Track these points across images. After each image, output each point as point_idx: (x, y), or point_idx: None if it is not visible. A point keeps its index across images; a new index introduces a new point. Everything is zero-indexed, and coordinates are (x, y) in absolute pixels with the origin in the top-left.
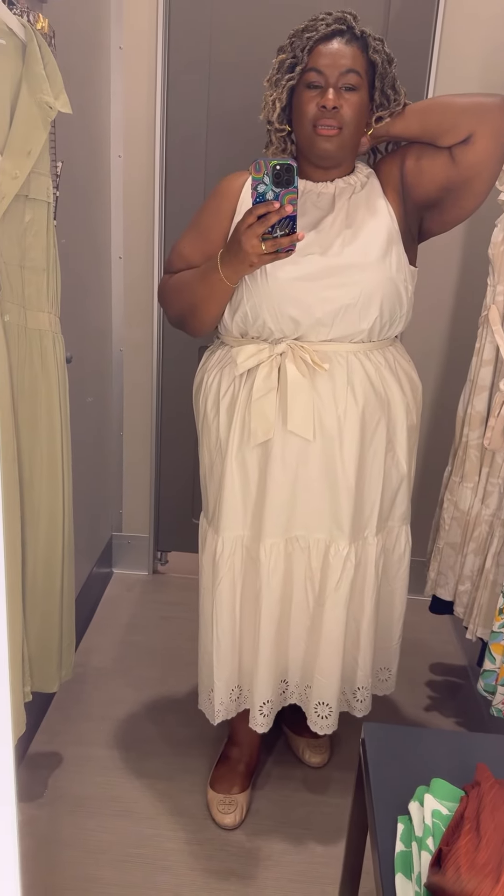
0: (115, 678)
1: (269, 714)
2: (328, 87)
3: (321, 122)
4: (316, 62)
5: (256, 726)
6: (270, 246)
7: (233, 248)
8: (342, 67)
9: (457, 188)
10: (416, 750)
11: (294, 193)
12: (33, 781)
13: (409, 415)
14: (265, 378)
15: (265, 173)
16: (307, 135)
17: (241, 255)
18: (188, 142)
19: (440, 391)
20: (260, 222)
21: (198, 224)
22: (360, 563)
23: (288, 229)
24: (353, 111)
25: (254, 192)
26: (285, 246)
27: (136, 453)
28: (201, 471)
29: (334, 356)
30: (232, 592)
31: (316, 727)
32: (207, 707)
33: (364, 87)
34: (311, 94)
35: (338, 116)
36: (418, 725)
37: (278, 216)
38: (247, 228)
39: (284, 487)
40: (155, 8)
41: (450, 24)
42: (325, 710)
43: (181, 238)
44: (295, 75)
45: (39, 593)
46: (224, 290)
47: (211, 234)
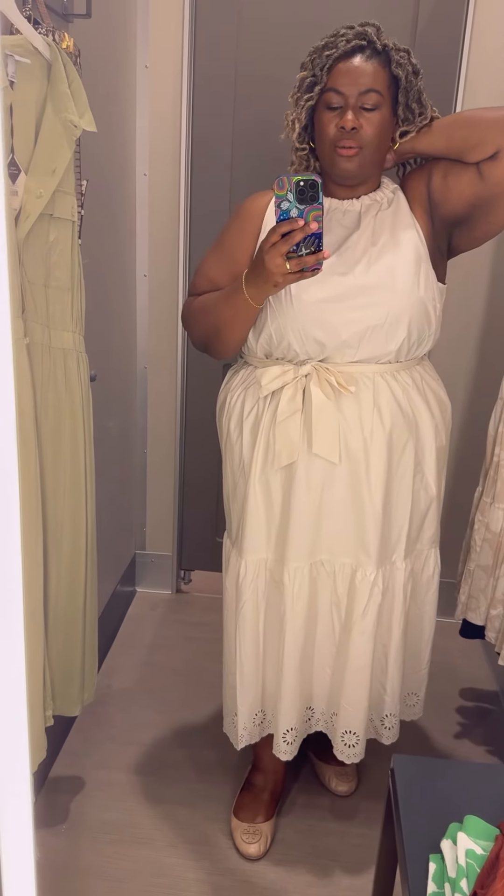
0: (138, 700)
1: (293, 742)
2: (347, 107)
3: (341, 142)
4: (335, 82)
5: (280, 753)
6: (295, 265)
7: (257, 267)
8: (362, 87)
9: (485, 204)
10: (447, 783)
11: (319, 210)
12: (55, 807)
13: (437, 436)
14: (290, 400)
15: (289, 190)
16: (328, 155)
17: (265, 274)
18: (213, 160)
19: (470, 410)
20: (284, 240)
21: (222, 245)
22: (387, 589)
23: (313, 247)
24: (374, 130)
25: (277, 210)
26: (311, 265)
27: (159, 471)
28: (224, 491)
29: (360, 378)
30: (255, 616)
31: (342, 756)
32: (231, 731)
33: (386, 103)
34: (330, 114)
35: (358, 136)
36: (447, 753)
37: (303, 234)
38: (271, 247)
39: (309, 511)
40: (180, 27)
41: (479, 34)
42: (352, 738)
43: (205, 259)
44: (314, 95)
45: (62, 615)
46: (249, 312)
47: (236, 255)
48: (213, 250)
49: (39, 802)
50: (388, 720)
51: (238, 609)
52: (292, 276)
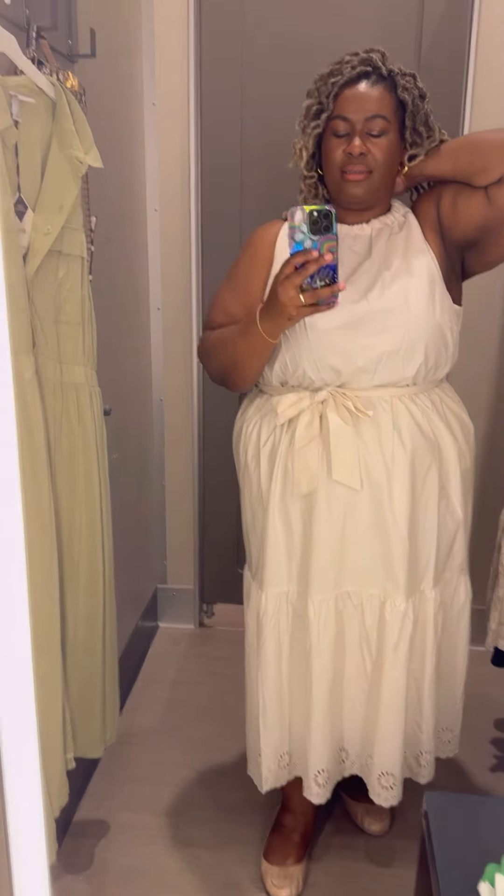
0: (162, 739)
1: (325, 784)
2: (354, 134)
3: (349, 167)
4: (341, 109)
5: (311, 796)
6: (309, 297)
7: (270, 301)
8: (368, 113)
9: (495, 228)
10: (484, 821)
11: (333, 241)
12: (79, 852)
13: (461, 458)
14: (307, 427)
15: (302, 220)
16: (336, 181)
17: (278, 307)
18: (223, 194)
19: (492, 429)
20: (298, 273)
21: (234, 277)
22: (418, 620)
23: (328, 279)
24: (382, 154)
25: (290, 242)
26: (326, 297)
27: (178, 503)
28: (243, 522)
29: (378, 402)
30: (277, 652)
31: (380, 799)
32: (256, 774)
33: (393, 128)
34: (337, 141)
35: (366, 161)
36: (484, 789)
37: (317, 265)
38: (284, 280)
39: (332, 540)
40: (186, 65)
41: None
42: (388, 780)
43: (219, 292)
44: (321, 122)
45: (80, 654)
46: (265, 346)
47: (250, 285)
48: (227, 283)
49: (64, 848)
50: (424, 758)
51: (260, 645)
52: (307, 308)
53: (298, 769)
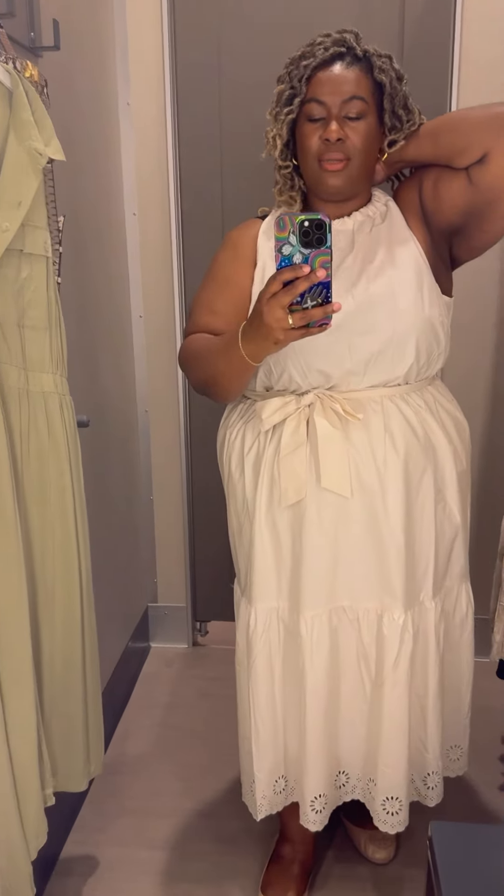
0: (155, 766)
1: (322, 810)
2: (331, 118)
3: (326, 156)
4: (315, 92)
5: (308, 824)
6: (299, 319)
7: (254, 321)
8: (345, 95)
9: (480, 212)
10: (493, 852)
11: (327, 255)
12: (66, 891)
13: (457, 460)
14: (293, 432)
15: (291, 231)
16: (313, 171)
17: (263, 330)
18: (203, 196)
19: (490, 429)
20: (286, 290)
21: (218, 275)
22: (418, 633)
23: (321, 298)
24: (360, 140)
25: (278, 255)
26: (318, 319)
27: (167, 518)
28: (230, 535)
29: (368, 403)
30: (269, 672)
31: (385, 826)
32: (250, 800)
33: (372, 112)
34: (312, 126)
35: (344, 148)
36: (493, 809)
37: (308, 283)
38: (270, 298)
39: (323, 552)
40: (161, 62)
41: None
42: (394, 805)
43: (202, 294)
44: (294, 108)
45: (59, 685)
46: (247, 369)
47: (238, 281)
48: (209, 283)
49: (49, 889)
50: (431, 779)
51: (250, 664)
52: (296, 332)
53: (295, 794)
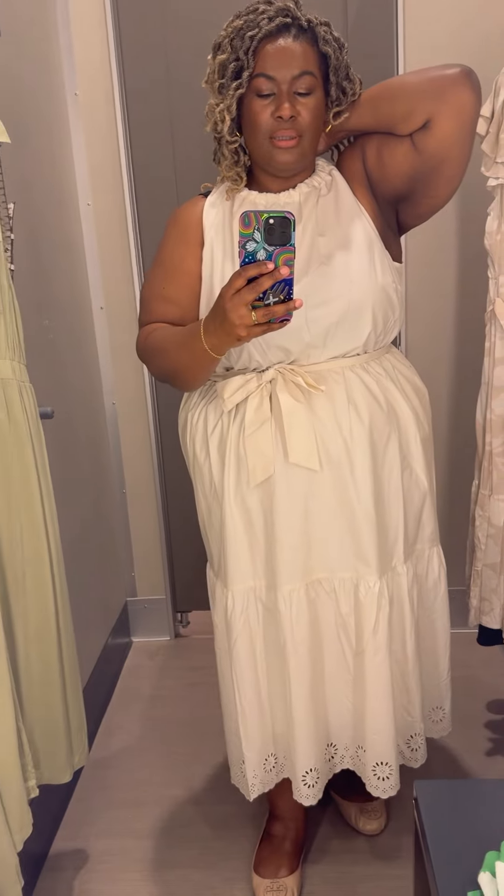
0: (142, 758)
1: (315, 784)
2: (282, 95)
3: (278, 132)
4: (264, 67)
5: (302, 798)
6: (263, 315)
7: (217, 316)
8: (294, 70)
9: (425, 178)
10: (479, 807)
11: (291, 253)
12: (58, 887)
13: (420, 425)
14: (256, 410)
15: (255, 228)
16: (264, 148)
17: (226, 326)
18: (157, 182)
19: (455, 399)
20: (250, 288)
21: (166, 261)
22: (393, 599)
23: (283, 295)
24: (311, 116)
25: (242, 251)
26: (280, 315)
27: (142, 511)
28: (200, 519)
29: (329, 374)
30: (250, 652)
31: (377, 791)
32: (241, 781)
33: (319, 85)
34: (262, 102)
35: (296, 124)
36: (479, 774)
37: (272, 280)
38: (234, 295)
39: (295, 526)
40: (106, 50)
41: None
42: (384, 770)
43: (151, 281)
44: (243, 82)
45: (36, 677)
46: (210, 361)
47: (185, 266)
48: (158, 269)
49: (40, 885)
50: (414, 741)
51: (231, 646)
52: (258, 328)
53: (286, 771)
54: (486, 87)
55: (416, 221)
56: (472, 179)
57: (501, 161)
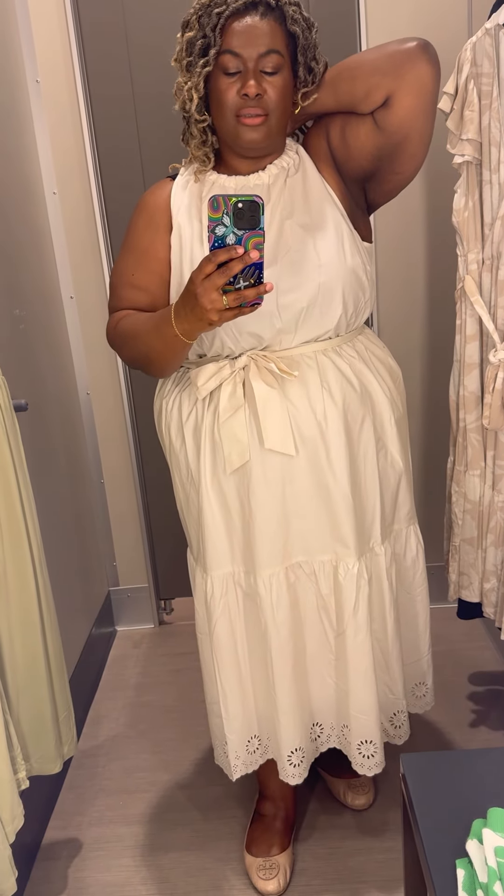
0: (131, 745)
1: (300, 763)
2: (248, 72)
3: (244, 111)
4: (231, 44)
5: (288, 778)
6: (234, 300)
7: (188, 302)
8: (261, 48)
9: (389, 155)
10: (465, 777)
11: (260, 236)
12: (52, 876)
13: (394, 406)
14: (230, 396)
15: (224, 212)
16: (230, 126)
17: (197, 311)
18: (123, 168)
19: (428, 375)
20: (220, 272)
21: (135, 247)
22: (372, 578)
23: (253, 279)
24: (278, 94)
25: (211, 235)
26: (251, 299)
27: (120, 500)
28: (178, 505)
29: (301, 359)
30: (230, 635)
31: (363, 769)
32: (224, 762)
33: (287, 65)
34: (229, 80)
35: (262, 103)
36: (465, 746)
37: (242, 264)
38: (204, 280)
39: (273, 512)
40: (66, 36)
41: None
42: (369, 748)
43: (120, 267)
44: (210, 59)
45: (21, 669)
46: (182, 346)
47: (157, 252)
48: (126, 255)
49: (34, 875)
50: (397, 718)
51: (211, 630)
52: (229, 312)
53: (271, 751)
54: (451, 65)
55: (384, 199)
56: (438, 157)
57: (466, 138)
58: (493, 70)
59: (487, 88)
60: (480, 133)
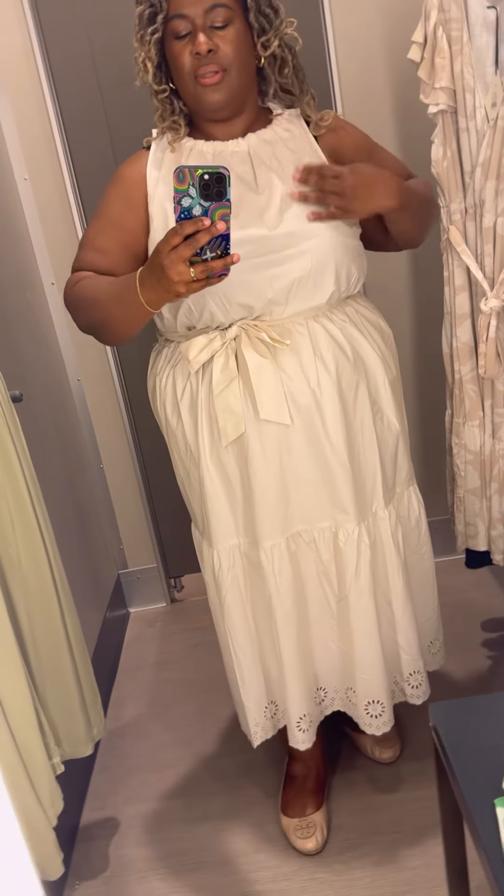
0: (155, 722)
1: (308, 728)
2: (196, 31)
3: (200, 70)
4: (176, 7)
5: (297, 744)
6: (201, 271)
7: (155, 272)
8: (206, 4)
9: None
10: (494, 719)
11: (227, 208)
12: (93, 856)
13: (387, 368)
14: (223, 369)
15: (190, 184)
16: (191, 90)
17: (164, 283)
18: (94, 147)
19: (417, 334)
20: (187, 244)
21: (106, 214)
22: (375, 543)
23: (220, 250)
24: (232, 48)
25: (177, 207)
26: (218, 270)
27: (121, 483)
28: (179, 482)
29: (293, 327)
30: (241, 606)
31: (370, 728)
32: (246, 728)
33: (238, 16)
34: (180, 43)
35: (217, 59)
36: (484, 692)
37: (209, 235)
38: (171, 251)
39: (272, 482)
40: (26, 23)
41: None
42: (376, 708)
43: (90, 230)
44: (158, 26)
45: (45, 656)
46: (144, 315)
47: (126, 223)
48: (96, 222)
49: (75, 856)
50: (414, 678)
51: (222, 602)
52: (197, 283)
53: (285, 718)
54: (416, 12)
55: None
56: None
57: (440, 86)
58: (462, 14)
59: (457, 34)
60: (453, 80)
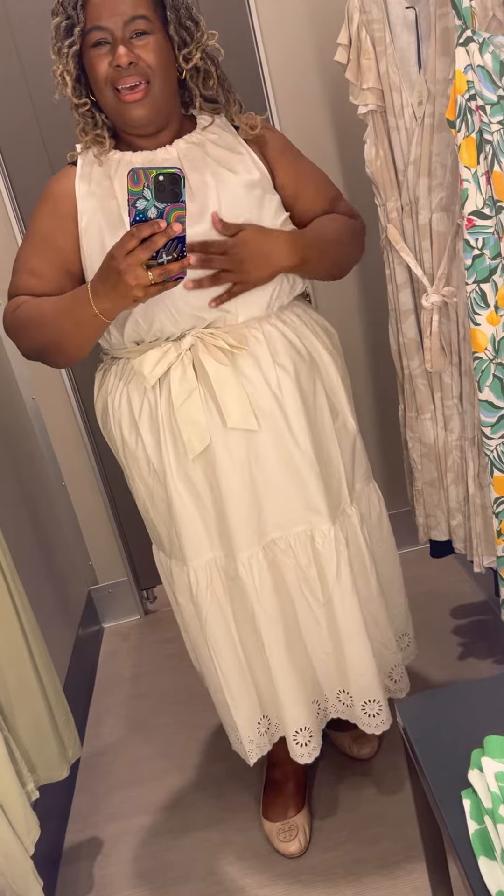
0: (134, 737)
1: (308, 743)
2: (116, 42)
3: (121, 83)
4: (94, 19)
5: (297, 757)
6: (158, 274)
7: (110, 279)
8: (125, 16)
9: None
10: (459, 711)
11: (182, 209)
12: (79, 877)
13: (338, 366)
14: (181, 380)
15: (145, 186)
16: (112, 104)
17: (121, 288)
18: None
19: (370, 331)
20: (143, 247)
21: (37, 233)
22: (349, 540)
23: (176, 253)
24: (153, 57)
25: (132, 210)
26: (175, 273)
27: (86, 499)
28: (139, 505)
29: (248, 331)
30: (223, 623)
31: (371, 728)
32: (239, 748)
33: (158, 27)
34: (99, 52)
35: (139, 70)
36: (457, 679)
37: (166, 238)
38: (127, 255)
39: (243, 491)
40: None
41: None
42: (373, 707)
43: (22, 253)
44: (76, 38)
45: (12, 685)
46: (98, 327)
47: (57, 241)
48: (28, 243)
49: (61, 879)
50: (395, 672)
51: (203, 622)
52: (154, 287)
53: (280, 731)
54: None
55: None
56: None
57: (367, 87)
58: (383, 14)
59: (380, 34)
60: (380, 80)
